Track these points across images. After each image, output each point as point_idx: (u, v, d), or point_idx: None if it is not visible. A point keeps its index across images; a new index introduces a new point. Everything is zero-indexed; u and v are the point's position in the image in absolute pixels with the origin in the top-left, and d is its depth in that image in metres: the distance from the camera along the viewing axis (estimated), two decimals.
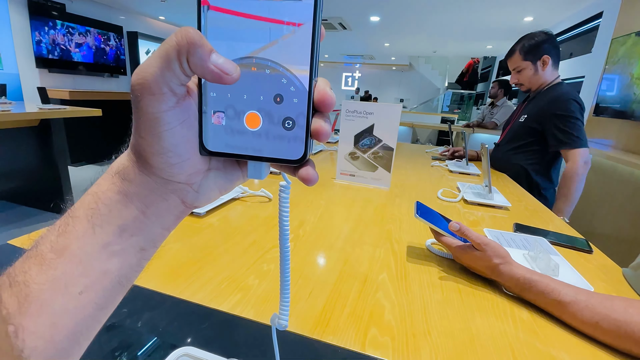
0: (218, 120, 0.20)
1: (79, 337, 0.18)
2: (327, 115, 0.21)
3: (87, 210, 0.19)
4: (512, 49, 1.49)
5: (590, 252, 0.75)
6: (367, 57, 9.84)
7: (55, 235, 0.18)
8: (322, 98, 0.19)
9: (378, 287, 0.55)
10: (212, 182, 0.22)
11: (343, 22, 5.26)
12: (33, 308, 0.16)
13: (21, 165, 2.57)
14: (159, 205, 0.20)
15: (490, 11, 4.06)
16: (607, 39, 2.87)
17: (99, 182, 0.20)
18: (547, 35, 1.41)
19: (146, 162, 0.19)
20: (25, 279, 0.17)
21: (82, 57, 4.45)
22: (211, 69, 0.17)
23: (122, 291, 0.20)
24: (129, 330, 0.42)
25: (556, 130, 1.37)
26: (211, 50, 0.17)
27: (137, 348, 0.40)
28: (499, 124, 3.58)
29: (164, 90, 0.17)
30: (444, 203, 1.04)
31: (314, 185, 0.21)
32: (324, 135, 0.20)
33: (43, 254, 0.17)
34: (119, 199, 0.19)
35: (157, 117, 0.18)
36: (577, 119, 1.34)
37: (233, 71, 0.18)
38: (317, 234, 0.74)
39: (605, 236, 2.19)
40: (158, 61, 0.17)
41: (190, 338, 0.41)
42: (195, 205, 0.22)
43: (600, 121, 2.77)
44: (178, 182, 0.20)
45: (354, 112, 1.14)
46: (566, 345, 0.45)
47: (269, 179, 1.13)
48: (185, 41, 0.16)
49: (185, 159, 0.20)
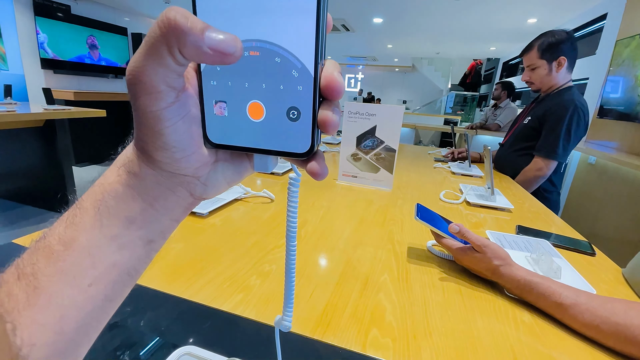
0: (220, 111, 0.19)
1: (88, 329, 0.18)
2: (336, 104, 0.19)
3: (94, 202, 0.18)
4: (530, 45, 1.44)
5: (593, 255, 0.75)
6: (370, 59, 9.85)
7: (63, 227, 0.18)
8: (329, 84, 0.18)
9: (379, 288, 0.55)
10: (220, 174, 0.21)
11: (346, 24, 5.26)
12: (42, 300, 0.16)
13: (26, 165, 2.59)
14: (167, 198, 0.20)
15: (494, 13, 4.06)
16: (611, 41, 2.86)
17: (105, 174, 0.19)
18: (567, 35, 1.37)
19: (150, 156, 0.18)
20: (33, 270, 0.17)
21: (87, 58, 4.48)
22: (209, 53, 0.15)
23: (130, 283, 0.20)
24: (131, 329, 0.43)
25: (544, 132, 1.40)
26: (203, 30, 0.15)
27: (140, 347, 0.40)
28: (502, 126, 3.57)
29: (161, 88, 0.16)
30: (446, 205, 1.04)
31: (323, 179, 0.20)
32: (332, 126, 0.18)
33: (51, 246, 0.17)
34: (125, 192, 0.19)
35: (157, 116, 0.17)
36: (562, 130, 1.34)
37: (234, 48, 0.15)
38: (319, 235, 0.74)
39: (608, 238, 2.18)
40: (147, 57, 0.15)
41: (192, 337, 0.42)
42: (203, 197, 0.21)
43: (604, 123, 2.76)
44: (185, 175, 0.19)
45: (357, 114, 1.14)
46: (567, 347, 0.45)
47: (271, 180, 1.13)
48: (171, 30, 0.14)
49: (190, 152, 0.19)
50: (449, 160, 1.76)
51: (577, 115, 1.33)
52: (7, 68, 3.68)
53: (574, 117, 1.33)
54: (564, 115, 1.33)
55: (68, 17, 4.16)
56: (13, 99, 2.95)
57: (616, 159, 2.13)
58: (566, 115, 1.33)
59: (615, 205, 2.18)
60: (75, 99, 3.79)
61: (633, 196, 2.02)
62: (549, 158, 1.37)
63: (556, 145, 1.35)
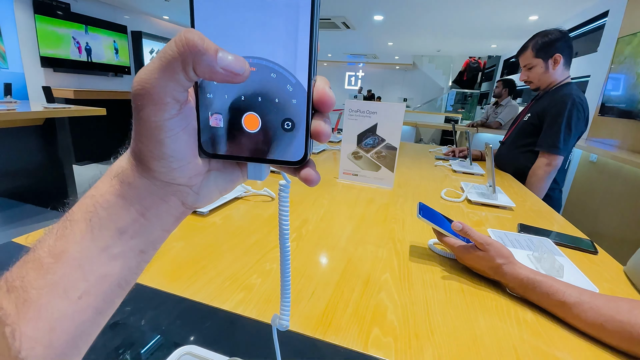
0: (216, 122, 0.19)
1: (78, 342, 0.18)
2: (327, 115, 0.20)
3: (85, 213, 0.18)
4: (524, 45, 1.47)
5: (596, 253, 0.75)
6: (370, 57, 9.82)
7: (53, 239, 0.18)
8: (322, 98, 0.19)
9: (381, 287, 0.55)
10: (212, 183, 0.22)
11: (346, 21, 5.24)
12: (31, 313, 0.16)
13: (26, 163, 2.59)
14: (159, 208, 0.20)
15: (495, 10, 4.04)
16: (613, 38, 2.85)
17: (97, 185, 0.19)
18: (561, 34, 1.39)
19: (146, 166, 0.19)
20: (23, 284, 0.17)
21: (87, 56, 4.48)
22: (221, 73, 0.16)
23: (121, 294, 0.20)
24: (132, 328, 0.43)
25: (545, 127, 1.39)
26: (217, 51, 0.16)
27: (140, 346, 0.40)
28: (503, 124, 3.56)
29: (167, 100, 0.17)
30: (448, 203, 1.04)
31: (316, 185, 0.21)
32: (324, 136, 0.19)
33: (41, 259, 0.17)
34: (117, 202, 0.19)
35: (160, 126, 0.17)
36: (562, 124, 1.33)
37: (243, 69, 0.17)
38: (319, 234, 0.74)
39: (610, 237, 2.18)
40: (160, 71, 0.16)
41: (193, 336, 0.42)
42: (195, 206, 0.22)
43: (606, 121, 2.75)
44: (178, 185, 0.20)
45: (357, 112, 1.14)
46: (570, 346, 0.45)
47: (272, 178, 1.13)
48: (188, 50, 0.16)
49: (186, 162, 0.19)
50: (449, 159, 1.76)
51: (577, 110, 1.33)
52: (7, 66, 3.67)
53: (573, 111, 1.33)
54: (563, 110, 1.33)
55: (68, 15, 4.16)
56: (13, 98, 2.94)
57: (617, 157, 2.12)
58: (565, 110, 1.33)
59: (616, 204, 2.17)
60: (75, 97, 3.79)
61: (634, 194, 2.02)
62: (552, 152, 1.37)
63: (557, 139, 1.35)
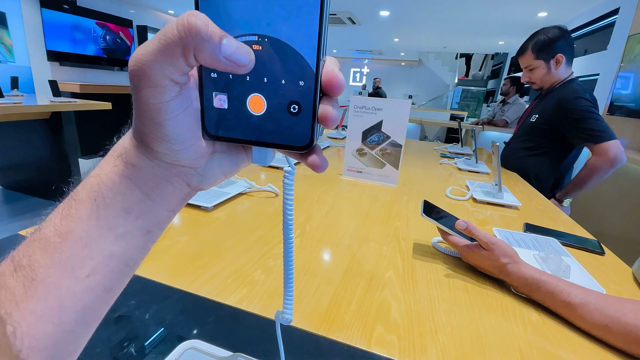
0: (220, 104, 0.19)
1: (87, 320, 0.18)
2: (336, 99, 0.19)
3: (90, 193, 0.18)
4: (523, 47, 1.43)
5: (602, 254, 0.74)
6: (376, 53, 9.75)
7: (59, 219, 0.18)
8: (331, 80, 0.18)
9: (384, 285, 0.55)
10: (217, 165, 0.21)
11: (352, 17, 5.21)
12: (40, 291, 0.16)
13: (32, 157, 2.61)
14: (164, 188, 0.20)
15: (503, 6, 3.98)
16: (623, 36, 2.80)
17: (101, 165, 0.19)
18: (561, 32, 1.34)
19: (149, 147, 0.18)
20: (30, 262, 0.17)
21: (93, 50, 4.49)
22: (223, 62, 0.16)
23: (128, 273, 0.20)
24: (136, 321, 0.43)
25: (576, 131, 1.32)
26: (221, 38, 0.15)
27: (144, 339, 0.40)
28: (509, 122, 3.52)
29: (166, 83, 0.16)
30: (453, 201, 1.03)
31: (323, 172, 0.20)
32: (331, 121, 0.18)
33: (47, 238, 0.17)
34: (122, 182, 0.18)
35: (159, 108, 0.17)
36: (592, 113, 1.28)
37: (247, 60, 0.16)
38: (323, 230, 0.74)
39: (617, 237, 2.15)
40: (158, 53, 0.15)
41: (197, 331, 0.42)
42: (200, 188, 0.21)
43: (615, 120, 2.71)
44: (182, 166, 0.20)
45: (362, 108, 1.13)
46: (576, 347, 0.45)
47: (276, 174, 1.13)
48: (190, 35, 0.15)
49: (189, 144, 0.19)
50: (454, 157, 1.74)
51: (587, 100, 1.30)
52: (14, 60, 3.70)
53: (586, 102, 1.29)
54: (579, 105, 1.29)
55: (74, 9, 4.17)
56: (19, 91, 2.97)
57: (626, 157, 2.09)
58: (580, 104, 1.29)
59: (624, 204, 2.15)
60: (81, 92, 3.81)
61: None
62: (605, 140, 1.27)
63: (599, 126, 1.27)
